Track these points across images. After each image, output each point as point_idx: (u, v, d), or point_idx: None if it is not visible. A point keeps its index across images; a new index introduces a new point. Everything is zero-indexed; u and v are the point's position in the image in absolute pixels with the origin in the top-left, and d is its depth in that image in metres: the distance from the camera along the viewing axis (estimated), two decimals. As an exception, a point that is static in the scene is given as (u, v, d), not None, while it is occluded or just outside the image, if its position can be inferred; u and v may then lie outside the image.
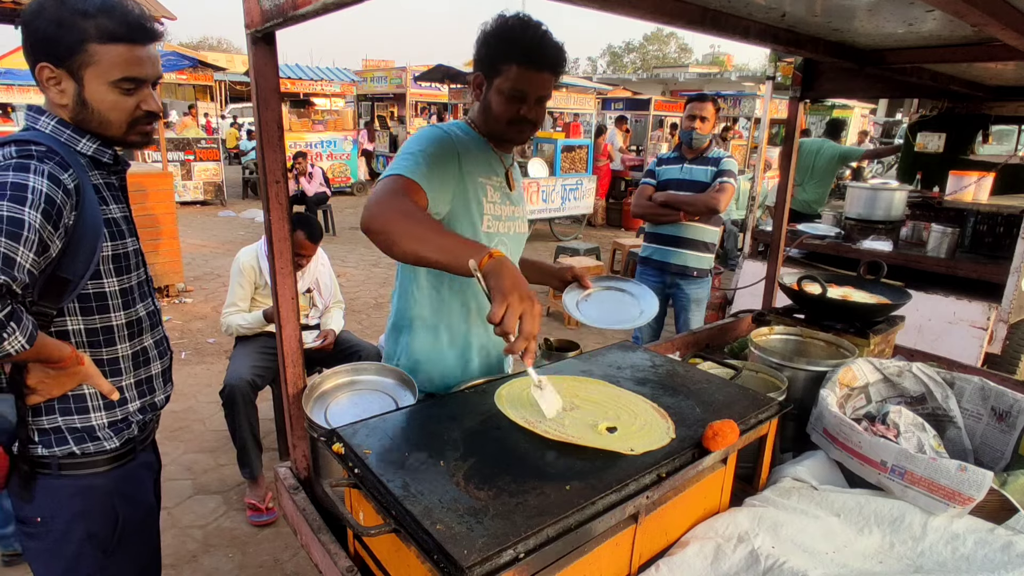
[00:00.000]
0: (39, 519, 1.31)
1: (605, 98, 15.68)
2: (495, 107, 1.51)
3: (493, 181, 1.58)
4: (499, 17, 1.48)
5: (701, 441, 1.12)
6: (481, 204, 1.54)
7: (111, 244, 1.28)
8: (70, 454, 1.30)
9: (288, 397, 1.38)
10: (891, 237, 4.15)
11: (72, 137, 1.25)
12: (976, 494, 1.16)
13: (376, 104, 17.68)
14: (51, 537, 1.32)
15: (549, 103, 1.62)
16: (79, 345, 1.27)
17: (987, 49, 1.68)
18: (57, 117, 1.25)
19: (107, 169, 1.33)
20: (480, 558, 0.80)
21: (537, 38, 1.45)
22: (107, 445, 1.34)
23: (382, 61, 25.55)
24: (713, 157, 3.43)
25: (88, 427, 1.31)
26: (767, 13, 1.45)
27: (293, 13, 1.01)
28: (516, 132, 1.55)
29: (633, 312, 1.79)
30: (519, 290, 1.05)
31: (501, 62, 1.46)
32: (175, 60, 10.18)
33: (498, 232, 1.60)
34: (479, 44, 1.50)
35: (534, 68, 1.46)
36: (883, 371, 1.63)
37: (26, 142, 1.18)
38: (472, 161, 1.52)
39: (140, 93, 1.28)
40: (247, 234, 9.23)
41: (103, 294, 1.28)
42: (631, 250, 6.62)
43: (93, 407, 1.31)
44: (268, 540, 2.77)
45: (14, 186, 1.10)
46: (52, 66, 1.20)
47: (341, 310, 3.43)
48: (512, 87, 1.47)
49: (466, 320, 1.62)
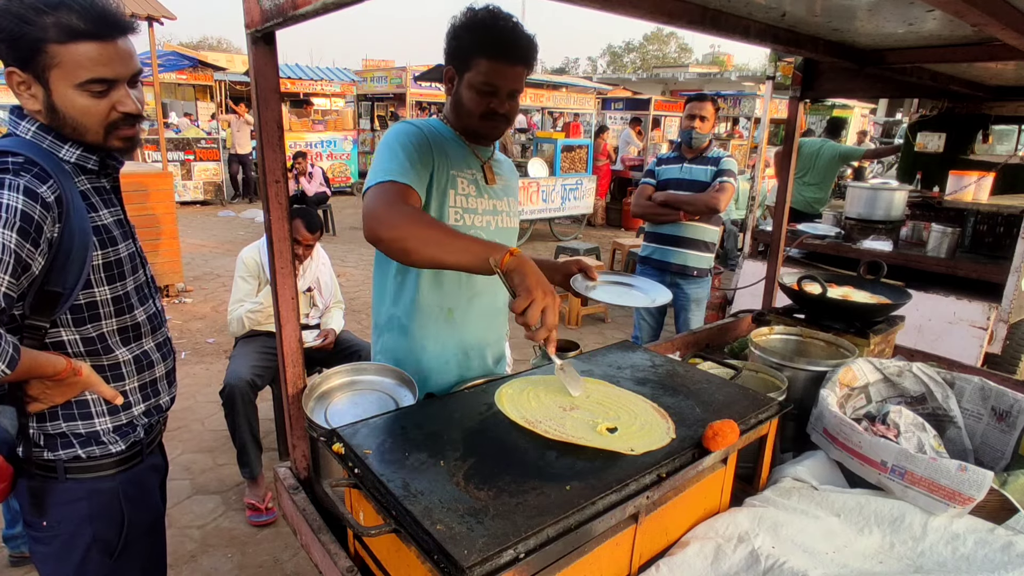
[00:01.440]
0: (46, 523, 1.30)
1: (605, 98, 15.67)
2: (466, 101, 1.49)
3: (466, 174, 1.56)
4: (468, 10, 1.46)
5: (701, 441, 1.12)
6: (447, 196, 1.52)
7: (101, 253, 1.23)
8: (75, 458, 1.29)
9: (288, 397, 1.38)
10: (891, 237, 4.15)
11: (54, 144, 1.18)
12: (976, 494, 1.16)
13: (376, 104, 17.66)
14: (58, 541, 1.32)
15: (549, 103, 1.63)
16: (76, 355, 1.24)
17: (987, 49, 1.68)
18: (38, 122, 1.18)
19: (95, 173, 1.27)
20: (480, 558, 0.80)
21: (507, 30, 1.43)
22: (112, 449, 1.32)
23: (382, 61, 25.54)
24: (713, 157, 3.43)
25: (93, 432, 1.30)
26: (767, 13, 1.45)
27: (293, 13, 1.01)
28: (488, 127, 1.54)
29: (645, 300, 1.77)
30: (542, 285, 1.13)
31: (471, 55, 1.44)
32: (175, 60, 10.19)
33: (472, 225, 1.57)
34: (449, 37, 1.48)
35: (505, 61, 1.44)
36: (883, 371, 1.63)
37: (2, 153, 1.11)
38: (444, 154, 1.51)
39: (114, 94, 1.17)
40: (247, 234, 9.23)
41: (94, 303, 1.24)
42: (631, 250, 6.62)
43: (96, 412, 1.29)
44: (268, 540, 2.77)
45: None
46: (19, 70, 1.12)
47: (341, 310, 3.43)
48: (483, 81, 1.45)
49: (446, 321, 1.61)
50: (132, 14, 7.39)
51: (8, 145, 1.14)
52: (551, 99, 13.92)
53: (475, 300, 1.64)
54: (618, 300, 1.72)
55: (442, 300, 1.59)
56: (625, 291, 1.82)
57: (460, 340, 1.65)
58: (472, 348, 1.67)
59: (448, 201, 1.52)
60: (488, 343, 1.72)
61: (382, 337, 1.66)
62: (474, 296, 1.63)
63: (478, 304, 1.65)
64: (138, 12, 5.63)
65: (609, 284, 1.84)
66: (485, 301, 1.66)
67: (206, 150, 11.45)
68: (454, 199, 1.53)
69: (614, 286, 1.85)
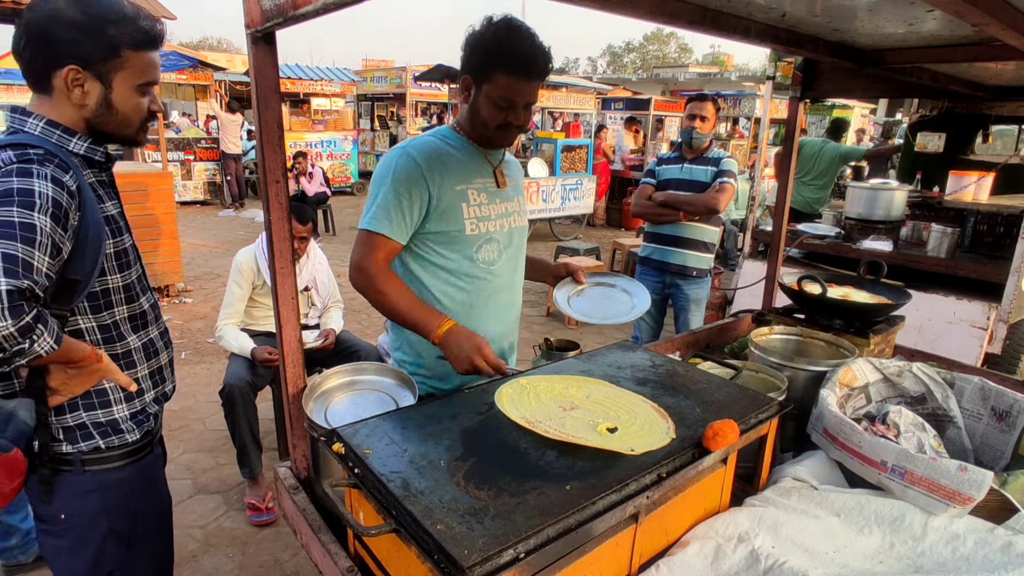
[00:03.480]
0: (63, 516, 1.33)
1: (605, 98, 15.66)
2: (484, 113, 1.53)
3: (476, 184, 1.60)
4: (488, 22, 1.49)
5: (701, 441, 1.13)
6: (459, 211, 1.57)
7: (112, 241, 1.30)
8: (95, 449, 1.32)
9: (288, 397, 1.38)
10: (891, 237, 4.15)
11: (62, 138, 1.25)
12: (976, 494, 1.16)
13: (376, 104, 17.66)
14: (74, 533, 1.34)
15: (549, 103, 1.67)
16: (94, 343, 1.29)
17: (987, 49, 1.68)
18: (44, 118, 1.23)
19: (99, 167, 1.34)
20: (480, 558, 0.80)
21: (528, 48, 1.46)
22: (129, 438, 1.37)
23: (382, 61, 25.51)
24: (713, 157, 3.43)
25: (112, 420, 1.34)
26: (767, 13, 1.45)
27: (293, 13, 1.01)
28: (503, 137, 1.60)
29: (625, 307, 1.80)
30: (460, 351, 1.41)
31: (492, 70, 1.48)
32: (175, 60, 10.16)
33: (486, 232, 1.62)
34: (468, 48, 1.51)
35: (525, 78, 1.48)
36: (883, 371, 1.63)
37: (22, 146, 1.17)
38: (446, 174, 1.55)
39: (151, 95, 1.34)
40: (247, 234, 9.22)
41: (108, 291, 1.30)
42: (631, 250, 6.61)
43: (115, 400, 1.34)
44: (268, 540, 2.77)
45: (21, 192, 1.10)
46: (79, 68, 1.21)
47: (340, 310, 3.43)
48: (502, 95, 1.49)
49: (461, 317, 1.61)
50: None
51: (25, 139, 1.20)
52: (551, 99, 13.91)
53: (494, 296, 1.68)
54: (593, 319, 1.77)
55: (460, 295, 1.63)
56: (608, 297, 1.86)
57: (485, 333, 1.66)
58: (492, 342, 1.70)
59: (462, 214, 1.57)
60: (503, 335, 1.75)
61: (403, 332, 1.68)
62: (493, 293, 1.67)
63: (495, 300, 1.69)
64: (138, 12, 5.64)
65: (594, 287, 1.89)
66: (503, 298, 1.71)
67: (206, 150, 11.43)
68: (467, 211, 1.58)
69: (598, 288, 1.89)
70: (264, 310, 3.17)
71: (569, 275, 1.88)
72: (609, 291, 1.88)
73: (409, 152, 1.55)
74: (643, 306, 1.79)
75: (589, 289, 1.88)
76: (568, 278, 1.88)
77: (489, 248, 1.63)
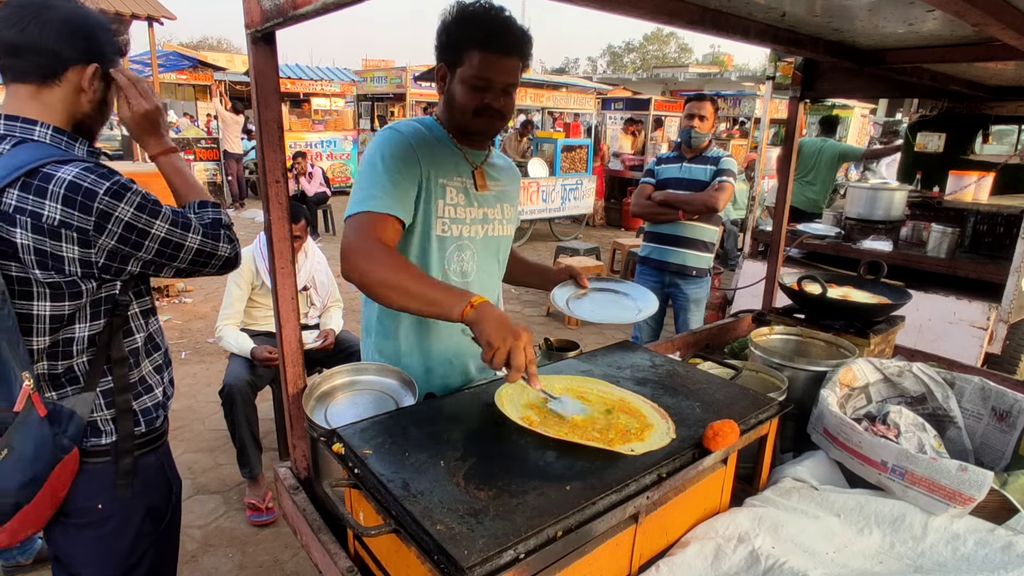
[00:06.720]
0: (100, 506, 1.34)
1: (605, 98, 15.65)
2: (459, 97, 1.43)
3: (455, 182, 1.50)
4: (458, 4, 1.41)
5: (701, 441, 1.12)
6: (435, 206, 1.47)
7: None
8: (141, 435, 1.37)
9: (288, 397, 1.38)
10: (891, 237, 4.15)
11: (68, 144, 1.25)
12: (976, 494, 1.16)
13: (376, 104, 17.66)
14: (114, 521, 1.37)
15: (549, 103, 1.62)
16: (138, 328, 1.36)
17: (987, 49, 1.68)
18: (52, 126, 1.22)
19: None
20: (480, 558, 0.80)
21: (499, 21, 1.39)
22: (157, 423, 1.43)
23: (382, 61, 25.52)
24: (712, 156, 3.43)
25: (156, 403, 1.42)
26: (767, 13, 1.45)
27: (293, 13, 1.01)
28: (483, 124, 1.47)
29: (631, 311, 1.75)
30: (502, 332, 1.14)
31: (463, 49, 1.39)
32: (175, 60, 10.18)
33: (458, 236, 1.53)
34: (440, 33, 1.43)
35: (498, 52, 1.39)
36: (883, 371, 1.63)
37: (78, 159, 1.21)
38: (432, 162, 1.46)
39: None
40: (247, 234, 9.22)
41: (144, 276, 1.37)
42: (631, 250, 6.61)
43: (154, 383, 1.42)
44: (268, 540, 2.77)
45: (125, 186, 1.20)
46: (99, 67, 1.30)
47: (340, 310, 3.43)
48: (476, 74, 1.40)
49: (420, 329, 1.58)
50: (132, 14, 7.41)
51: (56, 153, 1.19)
52: (551, 99, 13.91)
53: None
54: (595, 318, 1.69)
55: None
56: (612, 301, 1.79)
57: (444, 348, 1.60)
58: (456, 357, 1.62)
59: (435, 211, 1.48)
60: (471, 354, 1.65)
61: (370, 338, 1.65)
62: None
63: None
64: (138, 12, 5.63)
65: (597, 292, 1.82)
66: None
67: (206, 150, 11.42)
68: (442, 209, 1.49)
69: (602, 293, 1.82)
70: (264, 310, 3.17)
71: (571, 279, 1.79)
72: (613, 296, 1.82)
73: (399, 130, 1.46)
74: (650, 309, 1.73)
75: (592, 293, 1.81)
76: (570, 281, 1.80)
77: (463, 257, 1.55)
